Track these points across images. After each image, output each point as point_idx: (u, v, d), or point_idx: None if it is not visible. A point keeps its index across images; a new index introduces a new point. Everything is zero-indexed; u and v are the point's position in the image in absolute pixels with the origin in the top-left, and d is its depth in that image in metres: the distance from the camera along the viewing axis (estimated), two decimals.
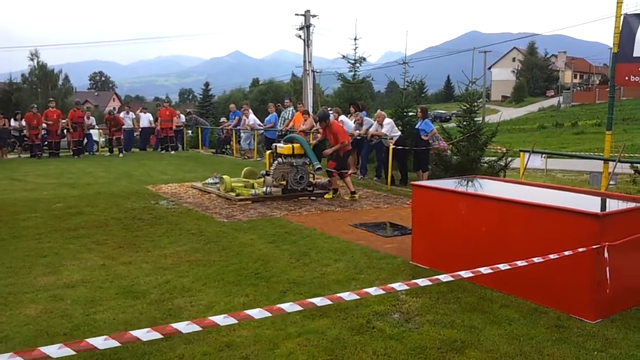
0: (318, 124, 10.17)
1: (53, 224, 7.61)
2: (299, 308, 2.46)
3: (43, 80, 54.87)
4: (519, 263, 3.40)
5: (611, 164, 8.76)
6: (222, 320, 2.29)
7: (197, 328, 2.25)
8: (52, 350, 1.93)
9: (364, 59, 17.15)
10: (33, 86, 54.34)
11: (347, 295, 2.62)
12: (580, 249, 3.93)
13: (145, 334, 2.11)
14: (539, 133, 42.30)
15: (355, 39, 16.88)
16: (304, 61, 26.79)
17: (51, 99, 22.86)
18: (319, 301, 2.51)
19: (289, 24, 27.11)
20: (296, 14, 27.14)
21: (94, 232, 7.14)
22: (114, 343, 2.05)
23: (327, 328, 4.00)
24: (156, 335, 2.14)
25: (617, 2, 7.98)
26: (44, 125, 18.95)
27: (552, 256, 3.67)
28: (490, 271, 3.14)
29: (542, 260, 3.58)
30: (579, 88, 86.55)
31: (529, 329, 4.01)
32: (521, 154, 9.70)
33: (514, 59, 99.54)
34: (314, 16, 26.86)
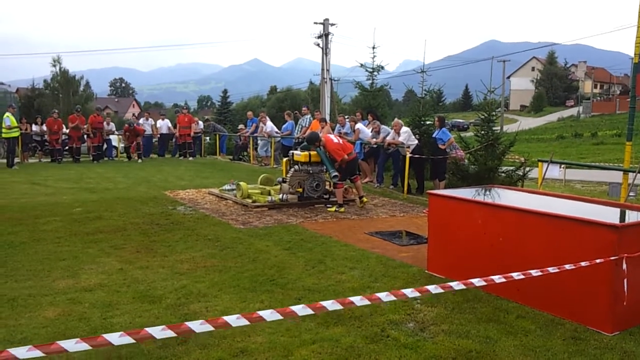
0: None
1: (72, 228, 7.72)
2: (311, 312, 2.48)
3: (64, 86, 55.68)
4: (533, 272, 3.37)
5: (631, 175, 8.66)
6: (234, 320, 2.33)
7: (210, 328, 2.28)
8: (69, 344, 1.98)
9: (382, 67, 17.15)
10: (55, 92, 55.17)
11: (359, 300, 2.62)
12: (598, 260, 3.89)
13: (159, 332, 2.16)
14: (557, 143, 41.89)
15: (373, 48, 16.90)
16: (322, 69, 26.86)
17: (78, 105, 23.23)
18: (330, 305, 2.53)
19: (308, 32, 27.37)
20: (315, 23, 27.24)
21: (112, 236, 7.23)
22: (128, 339, 2.10)
23: (342, 336, 4.00)
24: (170, 333, 2.19)
25: (639, 12, 7.91)
26: (66, 130, 19.27)
27: (567, 267, 3.64)
28: (504, 280, 3.13)
29: (557, 270, 3.55)
30: (599, 98, 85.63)
31: (545, 341, 3.97)
32: (539, 164, 9.63)
33: (533, 69, 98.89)
34: (332, 25, 26.95)
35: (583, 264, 3.80)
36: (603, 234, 4.15)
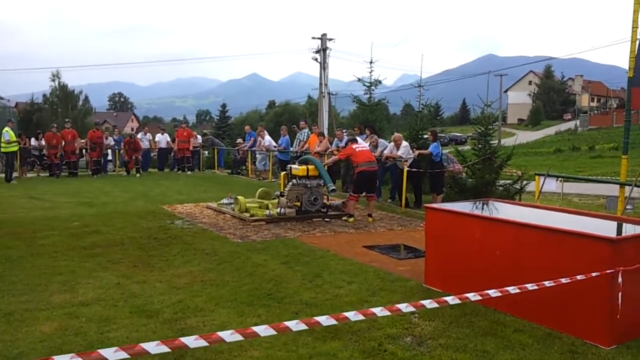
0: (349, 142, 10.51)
1: (70, 242, 7.71)
2: (305, 327, 2.49)
3: (63, 101, 55.77)
4: (529, 286, 3.38)
5: (627, 188, 8.69)
6: (229, 336, 2.34)
7: (204, 343, 2.30)
8: (64, 359, 1.99)
9: (380, 81, 17.23)
10: (54, 106, 55.25)
11: (353, 315, 2.63)
12: (594, 274, 3.90)
13: (154, 347, 2.19)
14: (555, 156, 41.98)
15: (371, 62, 17.01)
16: (320, 84, 27.04)
17: (67, 119, 23.25)
18: (324, 320, 2.54)
19: (306, 47, 27.45)
20: (313, 38, 27.49)
21: (109, 250, 7.22)
22: (123, 355, 2.12)
23: (339, 350, 4.00)
24: (165, 348, 2.21)
25: (633, 27, 7.99)
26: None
27: (563, 280, 3.65)
28: (499, 294, 3.13)
29: (553, 284, 3.56)
30: (596, 111, 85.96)
31: (542, 355, 3.96)
32: (536, 177, 9.65)
33: (530, 82, 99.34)
34: (330, 40, 27.20)
35: (579, 277, 3.81)
36: (599, 247, 4.17)
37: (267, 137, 18.65)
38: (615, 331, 4.15)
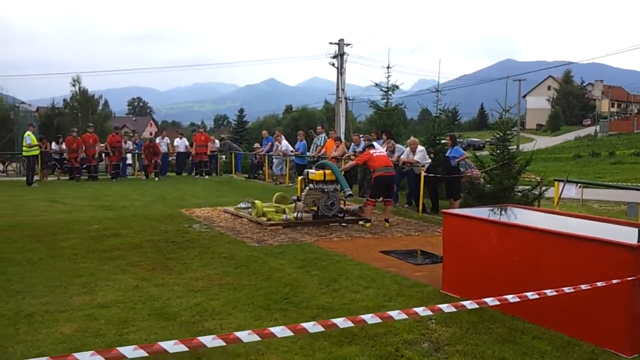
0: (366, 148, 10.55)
1: (89, 245, 7.81)
2: (321, 329, 2.49)
3: (84, 105, 56.45)
4: (548, 292, 3.35)
5: None
6: (246, 336, 2.37)
7: (221, 343, 2.32)
8: (84, 357, 2.04)
9: (397, 86, 17.21)
10: (74, 111, 55.95)
11: (370, 318, 2.63)
12: (615, 281, 3.85)
13: (172, 347, 2.23)
14: (574, 162, 41.56)
15: (388, 67, 16.99)
16: (337, 88, 27.05)
17: (90, 124, 23.57)
18: (341, 322, 2.54)
19: (323, 52, 27.48)
20: (330, 43, 27.51)
21: (128, 253, 7.29)
22: (142, 353, 2.17)
23: (355, 355, 3.99)
24: (183, 347, 2.26)
25: None
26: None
27: (583, 287, 3.61)
28: (517, 299, 3.11)
29: (572, 290, 3.52)
30: (616, 117, 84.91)
31: None
32: (556, 183, 9.55)
33: (549, 87, 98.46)
34: (347, 45, 27.20)
35: (599, 284, 3.77)
36: (619, 254, 4.11)
37: (284, 142, 18.70)
38: (636, 339, 4.09)
